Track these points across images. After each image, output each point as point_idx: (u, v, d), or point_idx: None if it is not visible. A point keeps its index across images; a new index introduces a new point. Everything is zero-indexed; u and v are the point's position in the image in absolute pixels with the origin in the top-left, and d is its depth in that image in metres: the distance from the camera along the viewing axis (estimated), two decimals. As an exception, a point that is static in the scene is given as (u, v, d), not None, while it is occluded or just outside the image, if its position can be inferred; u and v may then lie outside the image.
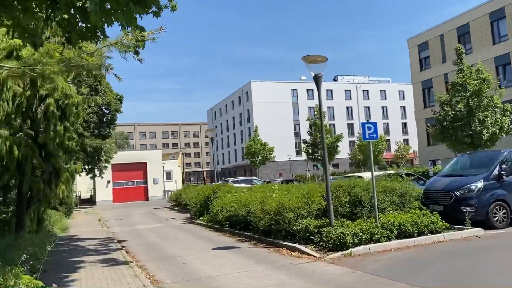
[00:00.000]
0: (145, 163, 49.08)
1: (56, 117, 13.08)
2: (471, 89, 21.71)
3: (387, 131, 77.95)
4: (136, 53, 5.65)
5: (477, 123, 21.45)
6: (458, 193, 11.37)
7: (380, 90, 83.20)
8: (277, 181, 28.04)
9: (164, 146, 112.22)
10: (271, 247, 10.79)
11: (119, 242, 13.79)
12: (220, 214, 15.25)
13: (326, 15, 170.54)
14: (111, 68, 6.43)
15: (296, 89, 77.10)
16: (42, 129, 12.93)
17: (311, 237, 10.23)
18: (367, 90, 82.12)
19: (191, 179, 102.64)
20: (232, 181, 28.93)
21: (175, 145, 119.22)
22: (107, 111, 35.15)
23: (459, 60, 22.98)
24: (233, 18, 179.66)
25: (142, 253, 11.51)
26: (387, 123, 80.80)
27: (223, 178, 41.75)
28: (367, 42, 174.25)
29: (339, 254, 9.05)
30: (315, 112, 38.94)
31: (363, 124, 10.59)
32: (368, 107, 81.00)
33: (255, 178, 35.84)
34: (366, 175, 15.53)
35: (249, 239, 12.33)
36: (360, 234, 9.57)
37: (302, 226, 10.54)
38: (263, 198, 12.45)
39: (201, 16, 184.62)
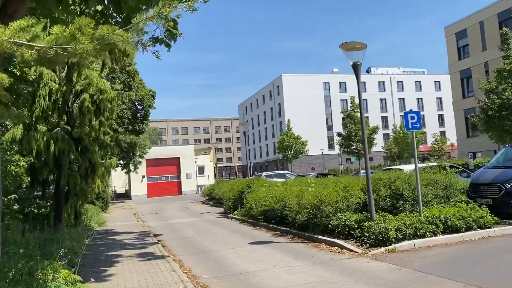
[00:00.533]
0: (178, 158, 49.59)
1: (91, 112, 13.18)
2: (520, 75, 20.41)
3: (422, 124, 75.69)
4: (174, 26, 5.42)
5: (527, 112, 20.12)
6: (509, 186, 10.66)
7: (415, 81, 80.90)
8: (311, 175, 27.62)
9: (196, 141, 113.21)
10: (309, 242, 10.47)
11: (155, 236, 13.79)
12: (255, 208, 15.03)
13: (357, 7, 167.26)
14: (148, 46, 6.24)
15: (328, 82, 75.98)
16: (78, 125, 13.05)
17: (351, 232, 9.85)
18: (402, 82, 79.99)
19: (223, 174, 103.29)
20: (265, 175, 28.72)
21: (206, 140, 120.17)
22: (140, 107, 35.53)
23: (505, 46, 21.67)
24: (263, 12, 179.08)
25: (178, 247, 11.41)
26: (423, 115, 78.36)
27: (256, 173, 41.62)
28: (400, 32, 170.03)
29: (382, 249, 8.63)
30: (350, 104, 37.88)
31: (405, 114, 10.08)
32: (403, 99, 78.96)
33: (288, 172, 35.48)
34: (407, 168, 14.94)
35: (286, 233, 12.04)
36: (404, 228, 9.11)
37: (341, 221, 10.16)
38: (299, 192, 12.13)
39: (230, 10, 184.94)
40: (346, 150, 37.03)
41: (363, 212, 10.48)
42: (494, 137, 24.05)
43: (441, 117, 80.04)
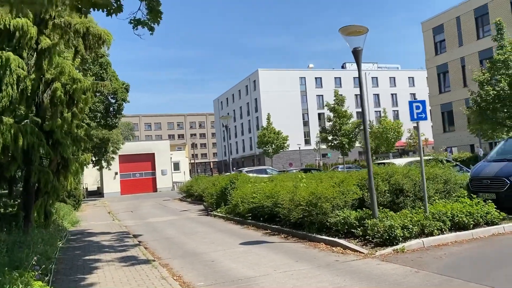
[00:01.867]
0: (153, 154, 48.08)
1: (63, 103, 12.08)
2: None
3: (396, 119, 76.40)
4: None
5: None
6: (514, 179, 10.16)
7: (390, 77, 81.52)
8: (293, 170, 26.97)
9: (170, 137, 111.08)
10: (306, 241, 9.74)
11: (135, 236, 12.80)
12: (241, 205, 14.20)
13: (330, 3, 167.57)
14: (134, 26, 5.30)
15: (304, 77, 75.63)
16: (49, 116, 11.94)
17: (352, 230, 9.18)
18: (376, 78, 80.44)
19: (198, 170, 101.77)
20: (246, 171, 27.95)
21: (181, 136, 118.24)
22: (113, 101, 33.97)
23: (499, 36, 21.25)
24: (237, 7, 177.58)
25: (162, 249, 10.47)
26: (397, 110, 79.31)
27: (234, 168, 40.74)
28: (374, 28, 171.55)
29: (389, 249, 7.96)
30: (334, 98, 37.02)
31: (410, 103, 9.43)
32: (377, 94, 79.42)
33: (269, 167, 34.71)
34: (399, 162, 14.43)
35: (278, 232, 11.26)
36: (410, 226, 8.47)
37: (340, 218, 9.47)
38: (292, 188, 11.39)
39: (204, 5, 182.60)
40: (331, 144, 36.44)
41: (363, 209, 9.84)
42: (475, 131, 23.93)
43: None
